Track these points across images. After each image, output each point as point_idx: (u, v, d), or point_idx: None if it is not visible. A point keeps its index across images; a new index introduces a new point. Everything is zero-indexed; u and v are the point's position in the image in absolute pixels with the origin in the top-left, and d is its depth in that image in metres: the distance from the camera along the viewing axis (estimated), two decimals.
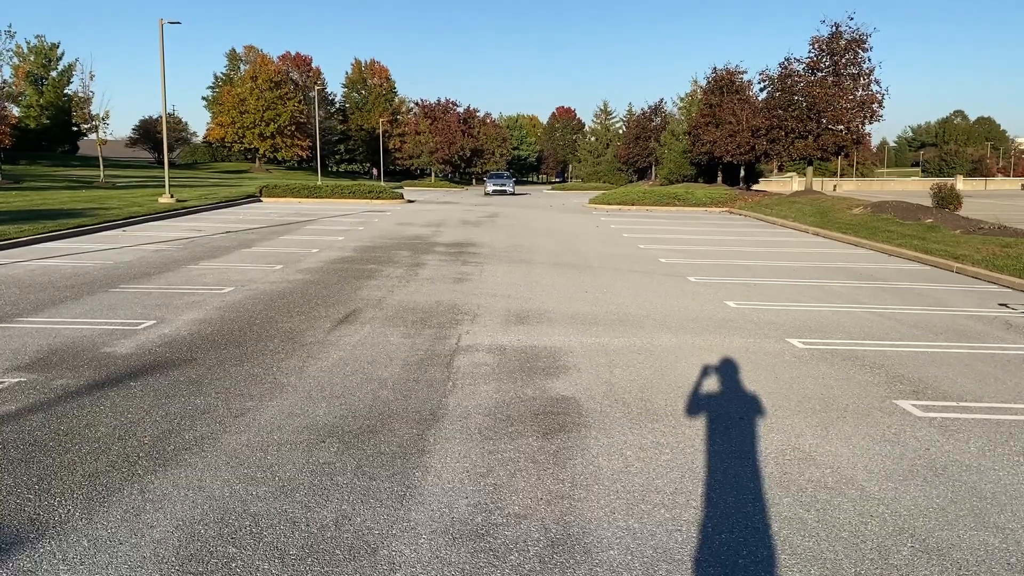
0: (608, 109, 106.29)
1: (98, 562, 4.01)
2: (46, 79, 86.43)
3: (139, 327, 9.56)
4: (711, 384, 7.71)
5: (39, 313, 10.25)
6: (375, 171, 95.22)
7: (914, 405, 7.10)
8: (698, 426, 6.40)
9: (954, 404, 7.16)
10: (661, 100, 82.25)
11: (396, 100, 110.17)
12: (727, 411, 6.85)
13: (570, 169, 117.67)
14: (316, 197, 40.07)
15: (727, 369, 8.23)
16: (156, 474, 5.16)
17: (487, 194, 56.66)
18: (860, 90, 39.60)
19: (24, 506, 4.64)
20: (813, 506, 4.92)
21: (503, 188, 58.94)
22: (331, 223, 26.59)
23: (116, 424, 6.09)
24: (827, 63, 40.00)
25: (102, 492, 4.86)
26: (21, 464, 5.26)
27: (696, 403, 7.08)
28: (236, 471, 5.23)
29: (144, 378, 7.38)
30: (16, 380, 7.21)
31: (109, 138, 52.82)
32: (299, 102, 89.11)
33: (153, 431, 5.95)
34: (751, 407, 6.95)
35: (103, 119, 49.42)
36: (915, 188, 67.64)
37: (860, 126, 39.96)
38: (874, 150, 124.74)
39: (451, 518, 4.63)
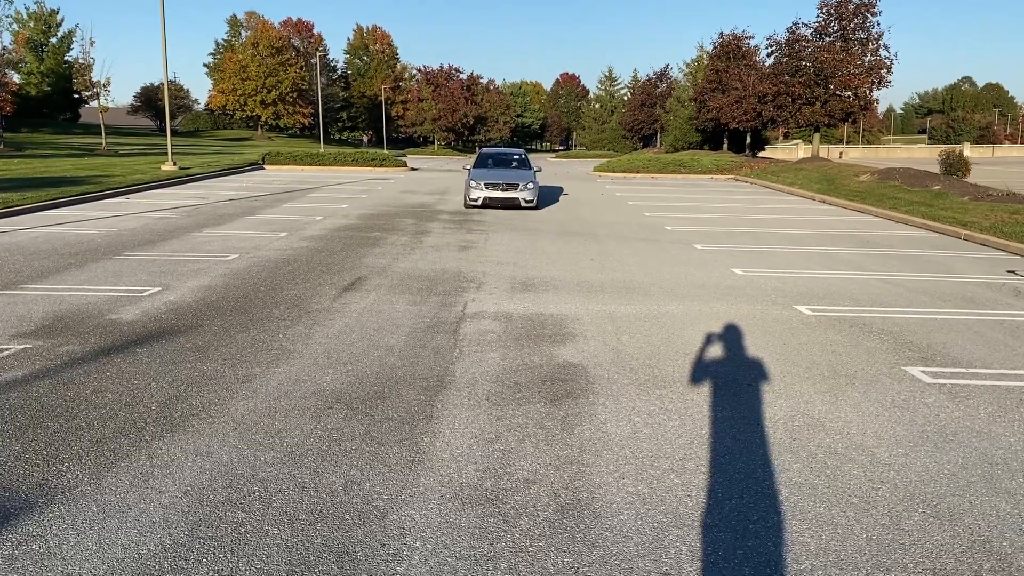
0: (613, 76, 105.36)
1: (107, 527, 4.00)
2: (46, 46, 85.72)
3: (144, 294, 9.53)
4: (719, 351, 7.67)
5: (44, 280, 10.22)
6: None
7: (923, 372, 7.06)
8: (706, 392, 6.37)
9: (963, 371, 7.12)
10: (667, 66, 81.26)
11: (398, 67, 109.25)
12: (735, 377, 6.82)
13: (574, 137, 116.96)
14: (319, 165, 39.87)
15: (735, 336, 8.19)
16: (164, 440, 5.15)
17: (471, 203, 20.74)
18: (868, 55, 39.16)
19: (32, 471, 4.63)
20: (823, 472, 4.89)
21: (506, 188, 20.49)
22: (334, 191, 26.47)
23: (123, 390, 6.08)
24: (835, 28, 39.50)
25: (110, 457, 4.85)
26: (28, 430, 5.25)
27: (704, 370, 7.04)
28: (244, 437, 5.22)
29: (150, 344, 7.36)
30: (22, 346, 7.19)
31: (111, 106, 52.49)
32: (301, 69, 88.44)
33: (160, 397, 5.94)
34: (759, 374, 6.91)
35: (104, 86, 49.13)
36: (922, 155, 67.10)
37: (868, 92, 39.56)
38: (880, 117, 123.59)
39: (460, 483, 4.62)
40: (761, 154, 54.42)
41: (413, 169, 42.13)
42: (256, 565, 3.69)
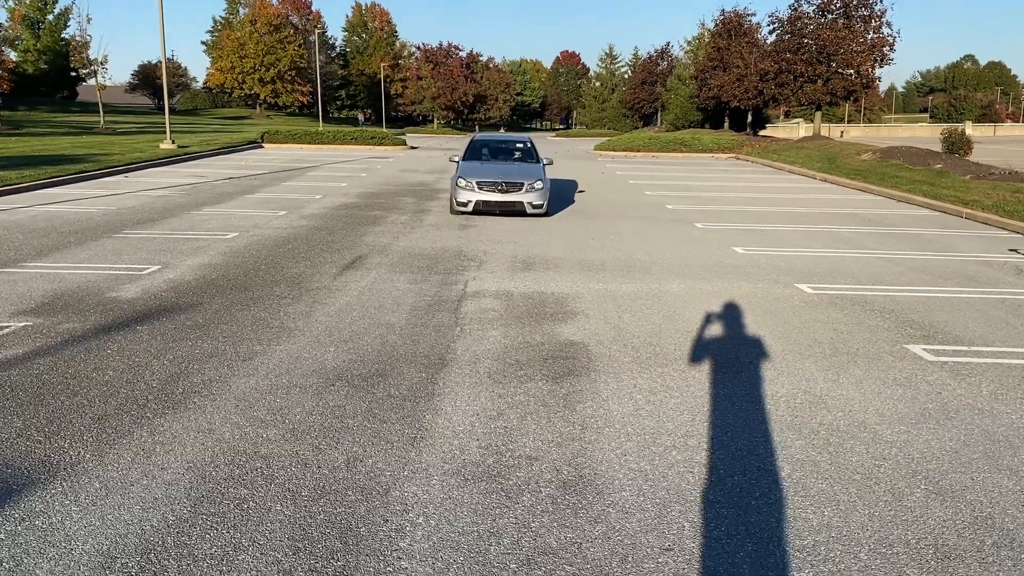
0: (613, 53, 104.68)
1: (110, 503, 4.00)
2: (43, 23, 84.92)
3: (144, 272, 9.50)
4: (720, 329, 7.66)
5: (43, 258, 10.19)
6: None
7: (925, 349, 7.05)
8: (708, 370, 6.37)
9: (965, 348, 7.11)
10: (668, 44, 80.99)
11: (397, 44, 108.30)
12: (737, 355, 6.81)
13: (574, 115, 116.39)
14: (318, 143, 39.68)
15: (736, 314, 8.18)
16: (165, 417, 5.14)
17: (459, 209, 15.14)
18: (871, 33, 38.81)
19: (34, 448, 4.63)
20: (825, 449, 4.90)
21: (506, 189, 14.95)
22: (334, 169, 26.36)
23: (124, 367, 6.07)
24: (838, 5, 39.13)
25: (112, 434, 4.85)
26: (30, 407, 5.24)
27: (705, 347, 7.04)
28: (246, 414, 5.22)
29: (150, 322, 7.34)
30: (22, 324, 7.18)
31: (108, 83, 52.09)
32: (299, 46, 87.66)
33: (161, 374, 5.93)
34: (760, 351, 6.90)
35: (102, 63, 48.68)
36: (923, 134, 66.81)
37: (870, 70, 39.27)
38: (882, 96, 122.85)
39: (462, 460, 4.62)
40: (762, 133, 54.18)
41: (412, 148, 41.95)
42: (259, 541, 3.69)
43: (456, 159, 16.71)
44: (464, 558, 3.60)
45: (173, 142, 30.55)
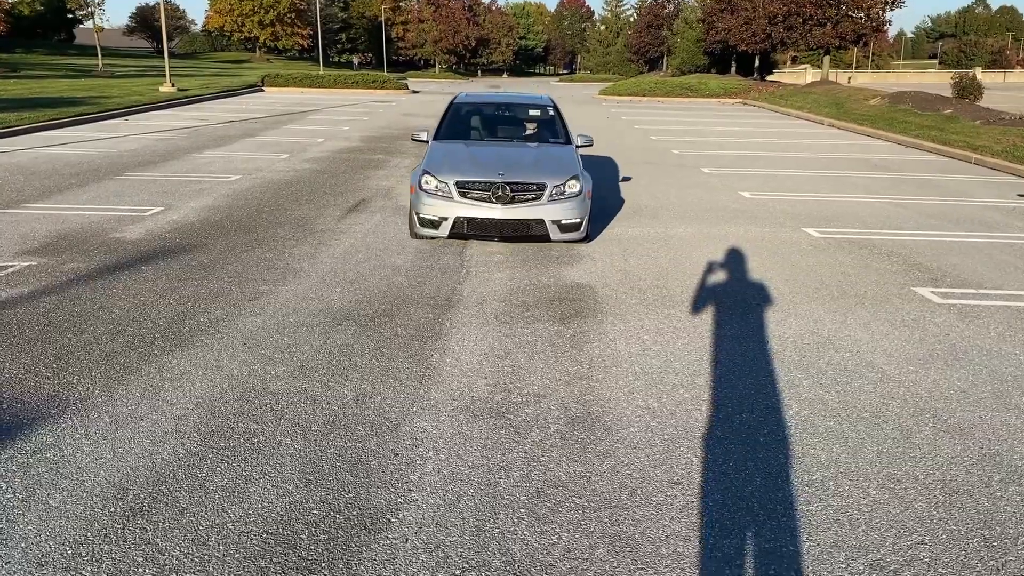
0: None
1: (120, 436, 4.02)
2: None
3: (147, 213, 9.44)
4: (727, 272, 7.62)
5: (45, 199, 10.12)
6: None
7: (933, 292, 7.02)
8: (715, 312, 6.35)
9: (973, 291, 7.08)
10: None
11: None
12: (744, 297, 6.78)
13: (578, 60, 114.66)
14: (319, 87, 39.20)
15: (743, 258, 8.13)
16: (173, 354, 5.14)
17: (423, 229, 8.03)
18: None
19: (43, 384, 4.64)
20: (833, 388, 4.90)
21: (511, 195, 7.78)
22: (335, 113, 26.06)
23: (130, 306, 6.05)
24: None
25: (120, 371, 4.85)
26: (37, 344, 5.24)
27: (712, 290, 7.01)
28: (253, 352, 5.21)
29: (155, 262, 7.31)
30: (27, 264, 7.15)
31: (106, 26, 51.39)
32: None
33: (167, 313, 5.92)
34: (768, 294, 6.87)
35: (98, 3, 47.90)
36: (932, 80, 65.82)
37: (880, 12, 38.54)
38: (891, 41, 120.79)
39: (471, 397, 4.62)
40: (769, 78, 53.35)
41: (414, 92, 41.43)
42: (270, 473, 3.71)
43: (423, 136, 9.69)
44: (474, 490, 3.62)
45: (173, 85, 30.18)
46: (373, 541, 3.23)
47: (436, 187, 7.95)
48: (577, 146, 9.39)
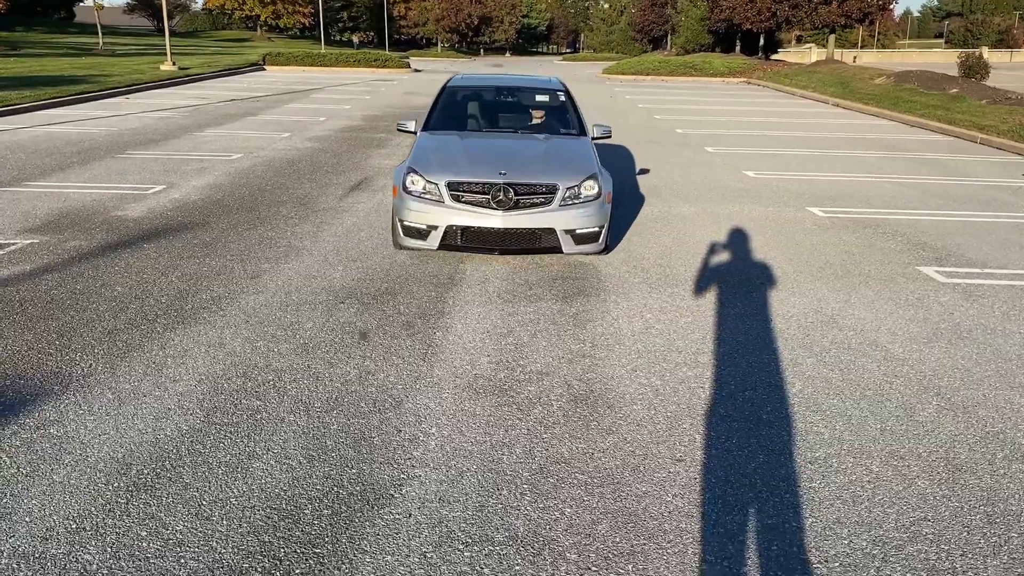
0: None
1: (124, 412, 4.02)
2: None
3: (149, 191, 9.41)
4: (731, 251, 7.59)
5: (46, 178, 10.09)
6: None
7: (937, 271, 6.99)
8: (718, 290, 6.33)
9: (978, 271, 7.05)
10: None
11: None
12: (748, 276, 6.76)
13: (582, 39, 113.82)
14: (320, 65, 38.96)
15: (747, 237, 8.10)
16: (176, 331, 5.14)
17: (408, 235, 6.82)
18: None
19: (46, 360, 4.64)
20: (837, 366, 4.89)
21: (515, 198, 6.62)
22: (337, 92, 25.93)
23: (132, 284, 6.04)
24: None
25: (123, 348, 4.85)
26: (40, 321, 5.24)
27: (716, 269, 6.98)
28: (256, 329, 5.21)
29: (157, 240, 7.30)
30: (28, 241, 7.14)
31: (106, 4, 51.02)
32: None
33: (170, 291, 5.91)
34: (771, 273, 6.85)
35: None
36: (938, 60, 65.22)
37: None
38: (896, 20, 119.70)
39: (474, 374, 4.62)
40: (774, 57, 52.95)
41: (416, 71, 41.20)
42: (273, 449, 3.72)
43: (409, 126, 8.43)
44: (477, 466, 3.62)
45: (174, 64, 30.01)
46: (376, 516, 3.24)
47: (424, 189, 6.76)
48: (593, 138, 8.21)
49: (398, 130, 8.62)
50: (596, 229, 6.87)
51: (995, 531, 3.25)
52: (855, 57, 71.45)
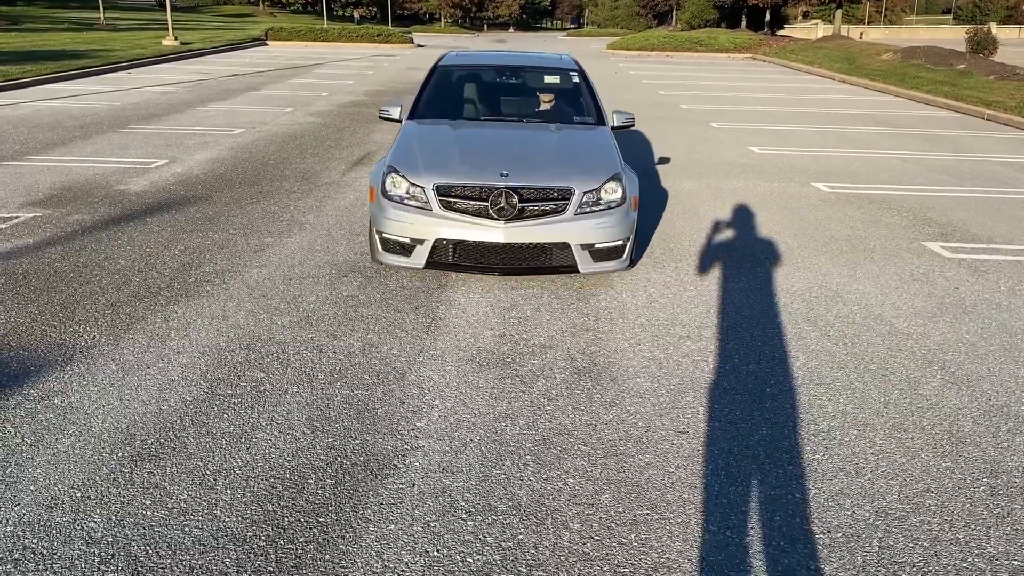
0: None
1: (127, 384, 4.03)
2: None
3: (151, 166, 9.38)
4: (735, 226, 7.56)
5: (49, 152, 10.05)
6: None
7: (942, 247, 6.95)
8: (723, 265, 6.31)
9: (983, 246, 7.01)
10: None
11: None
12: (752, 251, 6.73)
13: (586, 14, 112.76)
14: (323, 41, 38.70)
15: (752, 212, 8.06)
16: (179, 304, 5.14)
17: (388, 250, 5.51)
18: None
19: (49, 332, 4.64)
20: (841, 340, 4.87)
21: (519, 206, 5.26)
22: (340, 67, 25.76)
23: (135, 257, 6.04)
24: None
25: (126, 320, 4.85)
26: (43, 293, 5.24)
27: (720, 244, 6.96)
28: (259, 302, 5.20)
29: (160, 214, 7.28)
30: (31, 215, 7.12)
31: None
32: None
33: (172, 264, 5.90)
34: (776, 248, 6.82)
35: None
36: (946, 36, 64.58)
37: None
38: None
39: (477, 347, 4.62)
40: (780, 33, 52.50)
41: (419, 46, 40.91)
42: (277, 420, 3.72)
43: (394, 113, 6.98)
44: (480, 437, 3.63)
45: (176, 38, 29.82)
46: (380, 486, 3.24)
47: (407, 193, 5.44)
48: (614, 127, 6.90)
49: (380, 117, 7.07)
50: (620, 243, 5.52)
51: (998, 502, 3.25)
52: (862, 33, 70.74)
